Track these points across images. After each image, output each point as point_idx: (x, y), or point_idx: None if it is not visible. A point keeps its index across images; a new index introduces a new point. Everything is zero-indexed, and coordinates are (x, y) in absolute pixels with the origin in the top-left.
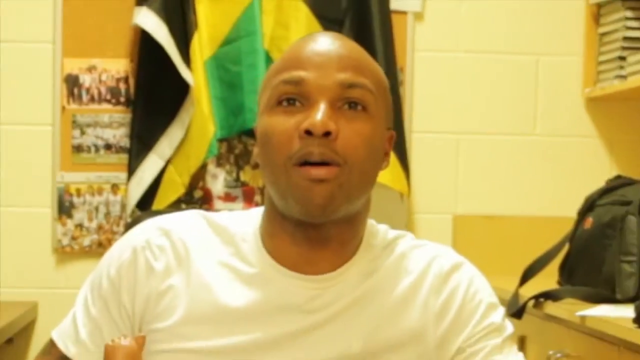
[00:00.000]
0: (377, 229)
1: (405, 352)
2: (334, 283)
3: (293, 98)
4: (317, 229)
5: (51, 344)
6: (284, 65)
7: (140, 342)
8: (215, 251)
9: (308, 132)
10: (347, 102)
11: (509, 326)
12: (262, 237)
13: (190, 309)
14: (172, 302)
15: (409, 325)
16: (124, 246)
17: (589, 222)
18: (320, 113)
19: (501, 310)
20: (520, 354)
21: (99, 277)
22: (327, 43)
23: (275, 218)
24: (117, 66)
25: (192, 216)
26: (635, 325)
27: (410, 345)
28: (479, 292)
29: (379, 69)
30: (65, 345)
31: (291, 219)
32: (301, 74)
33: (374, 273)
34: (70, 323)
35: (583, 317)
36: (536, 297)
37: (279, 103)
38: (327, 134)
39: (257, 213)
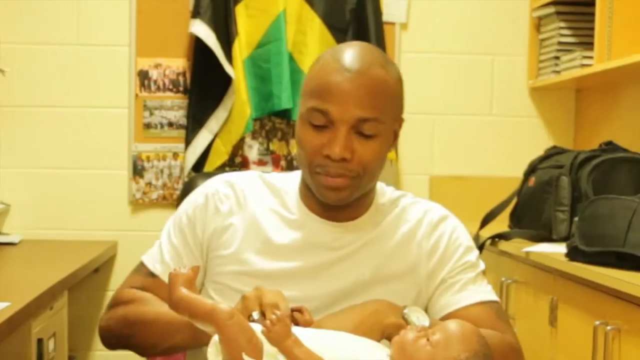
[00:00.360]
0: (384, 190)
1: (404, 281)
2: (352, 229)
3: (319, 125)
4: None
5: (141, 265)
6: (318, 91)
7: (196, 270)
8: (266, 201)
9: (328, 157)
10: (362, 133)
11: (482, 264)
12: (300, 192)
13: (246, 241)
14: (232, 236)
15: (407, 260)
16: (199, 193)
17: (532, 181)
18: (339, 142)
19: (476, 252)
20: (490, 286)
21: (179, 216)
22: (349, 76)
23: (307, 186)
24: (177, 64)
25: (251, 175)
26: (567, 259)
27: (408, 275)
28: (460, 237)
29: (391, 85)
30: (152, 265)
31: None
32: (328, 107)
33: (382, 222)
34: (156, 249)
35: (527, 253)
36: (492, 238)
37: (308, 122)
38: (343, 159)
39: (297, 175)
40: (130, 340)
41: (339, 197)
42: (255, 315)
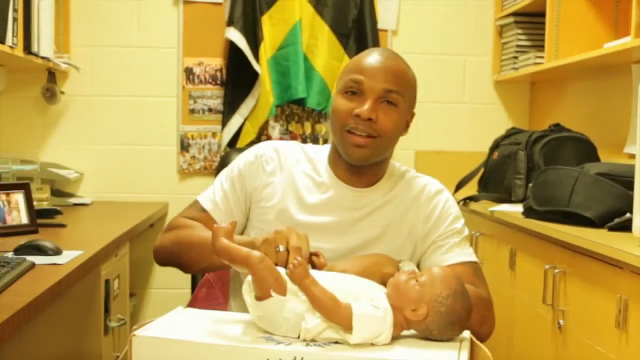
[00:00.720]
0: (394, 165)
1: (404, 239)
2: (368, 194)
3: (354, 91)
4: (359, 166)
5: (195, 202)
6: (353, 68)
7: (234, 224)
8: (302, 165)
9: (358, 116)
10: (386, 101)
11: (466, 231)
12: (329, 160)
13: (284, 197)
14: (273, 191)
15: (408, 223)
16: (251, 153)
17: (495, 155)
18: (367, 106)
19: (462, 220)
20: (471, 249)
21: (232, 168)
22: (380, 60)
23: (336, 153)
24: (215, 62)
25: (293, 144)
26: (523, 216)
27: (407, 235)
28: (450, 208)
29: (410, 77)
30: (205, 202)
31: (342, 156)
32: (361, 77)
33: (392, 190)
34: (210, 192)
35: (492, 211)
36: (464, 200)
37: (346, 92)
38: (369, 119)
39: (327, 147)
40: (178, 257)
41: (362, 155)
42: (281, 248)
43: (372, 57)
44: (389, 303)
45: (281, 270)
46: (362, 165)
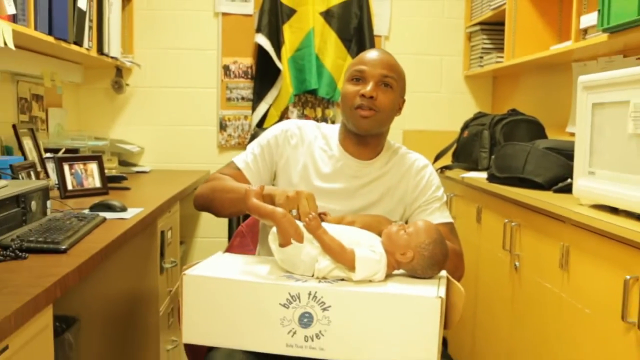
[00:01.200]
0: (390, 143)
1: (397, 203)
2: (370, 165)
3: (358, 78)
4: (363, 137)
5: (231, 162)
6: (357, 62)
7: (262, 187)
8: (318, 141)
9: (363, 95)
10: (383, 84)
11: (445, 197)
12: (339, 137)
13: (305, 167)
14: (296, 161)
15: (401, 190)
16: (278, 128)
17: (466, 133)
18: (369, 87)
19: (442, 189)
20: (448, 212)
21: (262, 138)
22: (377, 54)
23: (345, 130)
24: (246, 61)
25: (311, 123)
26: (487, 181)
27: (400, 201)
28: (434, 180)
29: (401, 69)
30: (239, 162)
31: (352, 131)
32: (363, 67)
33: (388, 163)
34: (243, 155)
35: (463, 177)
36: (442, 168)
37: (352, 79)
38: (371, 97)
39: (337, 126)
40: (212, 203)
41: (367, 125)
42: (294, 212)
43: (371, 53)
44: (384, 249)
45: (299, 224)
46: (367, 134)
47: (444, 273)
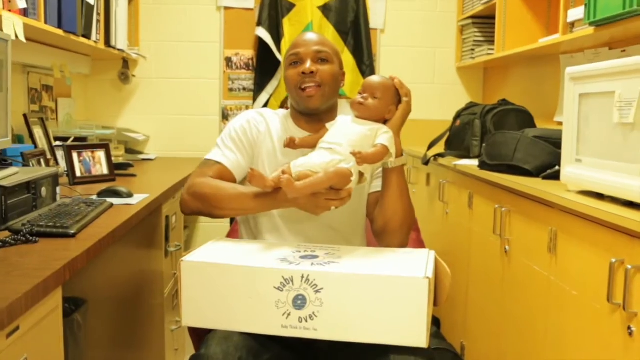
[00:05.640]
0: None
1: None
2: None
3: (295, 61)
4: (314, 115)
5: (206, 161)
6: (291, 47)
7: (254, 169)
8: (276, 124)
9: (304, 73)
10: (320, 59)
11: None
12: (292, 118)
13: (273, 148)
14: (264, 145)
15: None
16: (242, 119)
17: (458, 122)
18: (307, 64)
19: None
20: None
21: (230, 132)
22: (307, 35)
23: (296, 112)
24: (248, 53)
25: (268, 110)
26: (478, 168)
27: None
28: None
29: (334, 46)
30: (216, 158)
31: (302, 112)
32: (298, 50)
33: None
34: (216, 151)
35: (455, 165)
36: (435, 156)
37: (290, 64)
38: (311, 72)
39: (288, 110)
40: (211, 207)
41: (315, 101)
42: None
43: (301, 36)
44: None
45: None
46: (317, 110)
47: (432, 253)
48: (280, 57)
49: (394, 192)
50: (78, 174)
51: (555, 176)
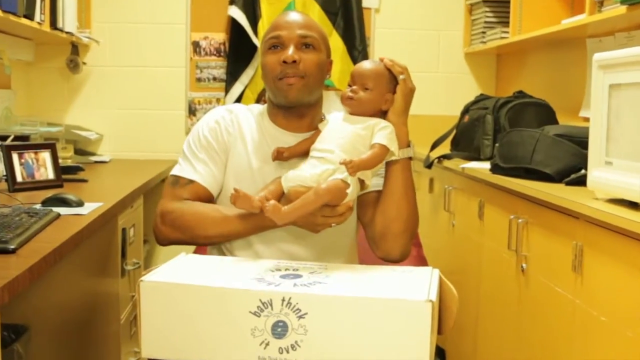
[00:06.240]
0: (327, 116)
1: None
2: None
3: (275, 45)
4: (296, 109)
5: (175, 179)
6: (271, 28)
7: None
8: (251, 122)
9: (285, 62)
10: (304, 44)
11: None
12: (270, 115)
13: (245, 152)
14: (237, 149)
15: None
16: (210, 120)
17: (466, 118)
18: (290, 51)
19: None
20: None
21: (199, 140)
22: (291, 15)
23: (274, 107)
24: (219, 36)
25: (239, 105)
26: (490, 172)
27: None
28: None
29: (321, 28)
30: (189, 175)
31: (281, 105)
32: (279, 33)
33: None
34: (186, 165)
35: (463, 168)
36: (439, 158)
37: (269, 49)
38: (294, 61)
39: (264, 105)
40: (193, 231)
41: (296, 94)
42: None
43: (284, 16)
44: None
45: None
46: (298, 104)
47: (436, 272)
48: (257, 42)
49: (398, 189)
50: (19, 178)
51: (581, 181)
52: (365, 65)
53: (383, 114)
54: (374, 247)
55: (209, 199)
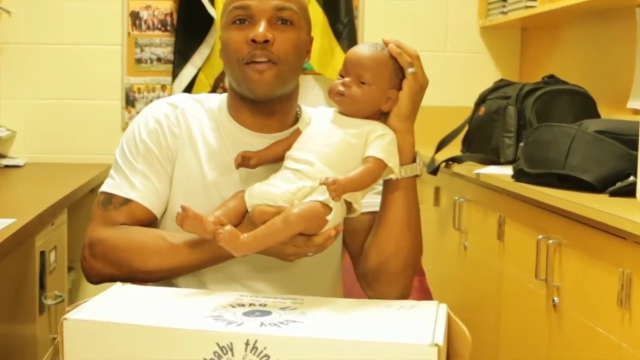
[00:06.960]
0: (307, 110)
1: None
2: (279, 139)
3: (243, 19)
4: (265, 104)
5: (107, 197)
6: None
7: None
8: (202, 120)
9: (254, 41)
10: (280, 20)
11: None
12: (230, 110)
13: (190, 160)
14: (181, 156)
15: None
16: (148, 120)
17: (482, 110)
18: (261, 28)
19: None
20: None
21: (134, 144)
22: None
23: (237, 99)
24: (165, 5)
25: (185, 97)
26: (513, 179)
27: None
28: None
29: (302, 0)
30: (125, 193)
31: (246, 98)
32: (248, 2)
33: None
34: (120, 179)
35: (478, 174)
36: (446, 161)
37: (233, 22)
38: (266, 41)
39: (224, 96)
40: (130, 266)
41: (267, 85)
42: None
43: None
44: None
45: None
46: (268, 99)
47: (443, 307)
48: (213, 13)
49: (399, 219)
50: None
51: (629, 191)
52: (362, 50)
53: (383, 116)
54: (365, 286)
55: (150, 221)
